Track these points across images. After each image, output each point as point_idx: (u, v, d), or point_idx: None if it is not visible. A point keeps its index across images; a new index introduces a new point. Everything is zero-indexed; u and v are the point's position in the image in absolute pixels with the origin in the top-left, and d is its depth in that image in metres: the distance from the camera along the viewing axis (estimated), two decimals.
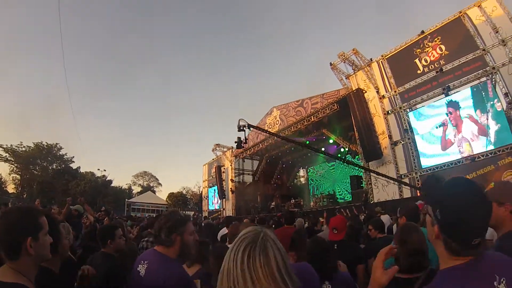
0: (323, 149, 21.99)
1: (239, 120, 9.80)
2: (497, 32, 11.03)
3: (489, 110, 11.01)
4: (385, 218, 6.40)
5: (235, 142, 10.87)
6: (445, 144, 12.23)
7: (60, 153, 44.24)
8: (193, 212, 29.33)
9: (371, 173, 14.49)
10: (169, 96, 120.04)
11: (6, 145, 38.81)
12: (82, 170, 46.67)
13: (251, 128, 10.42)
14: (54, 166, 44.00)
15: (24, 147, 40.08)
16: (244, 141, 10.63)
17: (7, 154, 39.04)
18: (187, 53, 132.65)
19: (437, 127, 12.48)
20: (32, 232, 1.33)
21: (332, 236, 3.28)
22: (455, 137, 11.99)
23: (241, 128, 9.86)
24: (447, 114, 12.19)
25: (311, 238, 2.60)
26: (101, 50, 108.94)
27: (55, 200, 30.03)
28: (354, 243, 3.63)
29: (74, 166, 45.89)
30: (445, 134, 12.25)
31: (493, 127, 10.95)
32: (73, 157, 45.46)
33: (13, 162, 40.12)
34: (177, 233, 1.93)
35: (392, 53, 14.71)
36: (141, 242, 4.45)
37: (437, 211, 1.05)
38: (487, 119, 11.06)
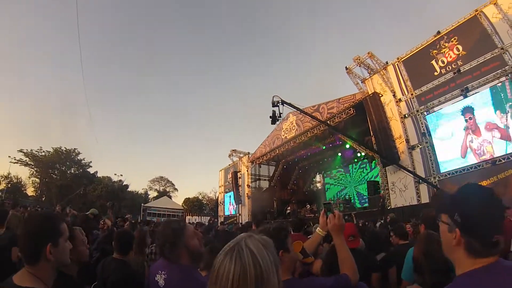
0: (339, 154, 21.82)
1: (273, 97, 10.02)
2: None
3: (508, 110, 10.55)
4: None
5: (270, 117, 10.57)
6: (465, 149, 11.76)
7: (78, 158, 45.36)
8: (209, 218, 29.46)
9: (387, 178, 14.20)
10: (186, 102, 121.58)
11: (27, 149, 40.35)
12: (99, 174, 47.76)
13: (284, 108, 10.22)
14: (72, 171, 45.06)
15: (43, 152, 41.57)
16: (279, 115, 10.62)
17: (27, 159, 40.46)
18: (206, 58, 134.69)
19: (455, 133, 12.06)
20: (53, 238, 1.36)
21: (348, 243, 3.20)
22: (474, 140, 11.51)
23: (276, 104, 10.20)
24: (465, 119, 11.77)
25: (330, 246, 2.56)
26: (119, 56, 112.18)
27: (73, 203, 30.88)
28: (369, 251, 3.51)
29: (91, 170, 47.04)
30: (466, 138, 11.79)
31: None
32: (91, 162, 46.52)
33: (33, 166, 41.53)
34: (179, 247, 1.88)
35: (408, 55, 14.41)
36: (149, 248, 4.38)
37: (456, 214, 1.07)
38: (507, 119, 10.59)
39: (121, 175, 48.16)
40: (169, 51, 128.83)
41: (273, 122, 11.34)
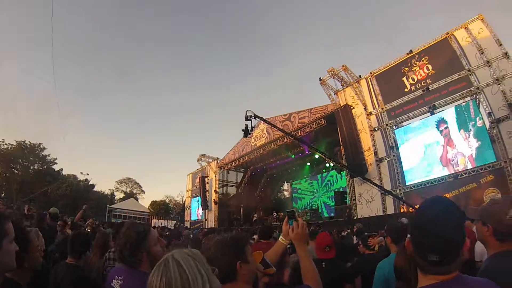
0: (308, 163, 22.12)
1: (246, 111, 10.65)
2: (482, 53, 11.37)
3: (471, 129, 11.23)
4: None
5: (242, 130, 11.22)
6: (440, 160, 12.27)
7: (43, 153, 42.49)
8: (175, 222, 28.70)
9: (355, 189, 14.50)
10: (156, 103, 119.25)
11: None
12: (64, 172, 45.57)
13: (256, 125, 10.71)
14: (36, 167, 42.18)
15: (6, 144, 38.39)
16: (251, 129, 11.65)
17: None
18: (176, 59, 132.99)
19: (428, 145, 12.60)
20: None
21: (324, 254, 3.13)
22: (450, 151, 12.06)
23: (248, 118, 10.97)
24: (440, 130, 12.33)
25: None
26: (91, 52, 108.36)
27: (35, 201, 28.81)
28: (341, 261, 3.45)
29: (56, 168, 44.51)
30: (441, 150, 12.31)
31: (475, 145, 11.14)
32: (56, 158, 43.89)
33: None
34: (141, 251, 1.81)
35: (380, 71, 14.96)
36: (107, 253, 3.97)
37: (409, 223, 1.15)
38: (469, 137, 11.26)
39: (88, 174, 45.60)
40: (141, 55, 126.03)
41: (245, 136, 12.29)
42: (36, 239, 1.97)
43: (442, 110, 12.32)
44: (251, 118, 11.18)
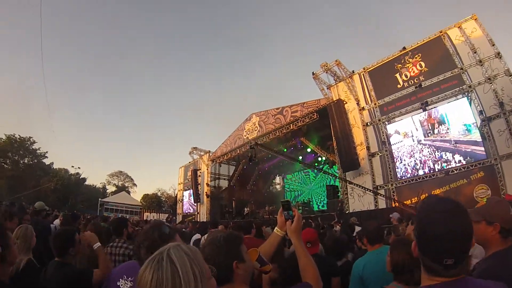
0: (300, 157, 22.28)
1: (249, 141, 12.00)
2: (475, 52, 11.58)
3: (462, 126, 11.50)
4: (359, 229, 6.30)
5: (248, 157, 13.38)
6: (431, 156, 12.53)
7: (33, 147, 41.67)
8: (167, 215, 28.59)
9: (348, 183, 14.70)
10: (148, 97, 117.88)
11: None
12: (55, 166, 44.90)
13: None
14: (26, 161, 41.42)
15: None
16: (254, 156, 14.50)
17: None
18: (168, 52, 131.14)
19: (420, 141, 12.85)
20: None
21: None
22: (434, 152, 12.34)
23: (251, 147, 13.17)
24: (428, 127, 12.59)
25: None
26: (80, 44, 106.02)
27: (25, 196, 28.18)
28: (329, 256, 3.47)
29: (47, 161, 43.86)
30: (433, 146, 12.56)
31: (466, 142, 11.39)
32: (47, 152, 43.14)
33: None
34: None
35: (374, 67, 15.08)
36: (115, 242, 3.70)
37: (415, 227, 1.09)
38: (460, 134, 11.55)
39: (79, 167, 44.76)
40: (133, 48, 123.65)
41: (250, 161, 15.79)
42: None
43: (434, 107, 12.53)
44: (253, 147, 13.71)
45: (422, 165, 12.61)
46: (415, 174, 12.68)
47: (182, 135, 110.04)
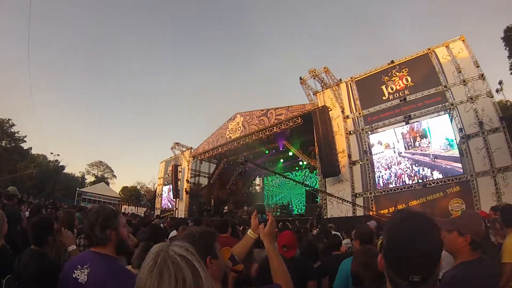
0: (281, 160, 22.38)
1: (241, 157, 12.36)
2: (460, 72, 12.05)
3: (442, 142, 11.94)
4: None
5: (238, 171, 13.89)
6: (410, 169, 12.88)
7: (12, 130, 39.49)
8: (145, 209, 28.00)
9: (326, 189, 14.91)
10: (133, 87, 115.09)
11: None
12: (33, 151, 43.21)
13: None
14: (3, 144, 39.17)
15: None
16: (243, 172, 15.76)
17: None
18: (159, 48, 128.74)
19: (400, 153, 13.19)
20: None
21: (282, 253, 3.00)
22: (412, 166, 12.72)
23: (242, 163, 14.23)
24: (409, 140, 12.95)
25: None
26: (66, 29, 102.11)
27: (0, 181, 26.66)
28: (306, 260, 3.45)
29: (25, 146, 41.77)
30: (412, 159, 12.92)
31: (445, 158, 11.82)
32: (26, 136, 41.01)
33: None
34: (111, 228, 1.83)
35: (361, 77, 15.37)
36: (78, 239, 3.70)
37: (383, 241, 1.06)
38: (440, 149, 12.00)
39: (58, 154, 43.34)
40: (119, 34, 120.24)
41: (241, 174, 16.28)
42: None
43: (417, 121, 12.92)
44: (244, 163, 14.77)
45: (397, 179, 13.00)
46: (394, 184, 13.03)
47: (165, 130, 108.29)
